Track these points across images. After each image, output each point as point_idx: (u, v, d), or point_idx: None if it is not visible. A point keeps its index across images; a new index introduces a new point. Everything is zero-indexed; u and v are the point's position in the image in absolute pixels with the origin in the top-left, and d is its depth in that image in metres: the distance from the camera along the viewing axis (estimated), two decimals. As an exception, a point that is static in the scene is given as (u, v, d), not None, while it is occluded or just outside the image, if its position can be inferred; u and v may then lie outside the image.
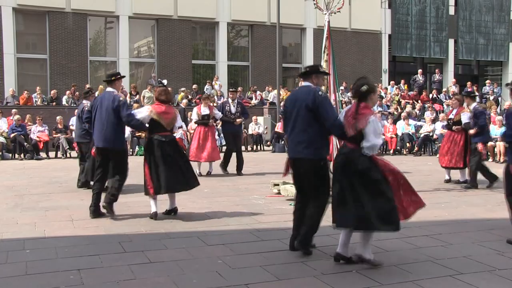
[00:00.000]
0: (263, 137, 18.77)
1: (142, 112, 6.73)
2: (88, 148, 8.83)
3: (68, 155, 15.66)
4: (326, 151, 5.17)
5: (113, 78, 6.95)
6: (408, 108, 19.64)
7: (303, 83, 5.21)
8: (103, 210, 6.78)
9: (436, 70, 25.42)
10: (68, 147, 15.49)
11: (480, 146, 9.27)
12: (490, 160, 14.38)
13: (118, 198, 6.85)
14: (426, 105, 19.96)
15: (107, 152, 6.76)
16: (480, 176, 9.45)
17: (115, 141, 6.70)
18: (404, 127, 17.32)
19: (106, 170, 6.84)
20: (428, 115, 18.40)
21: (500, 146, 14.08)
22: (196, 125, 11.43)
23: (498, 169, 8.83)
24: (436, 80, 24.77)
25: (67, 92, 18.92)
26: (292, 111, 5.08)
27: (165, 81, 7.33)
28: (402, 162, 11.80)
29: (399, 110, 19.60)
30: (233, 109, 11.30)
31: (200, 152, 10.94)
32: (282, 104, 18.16)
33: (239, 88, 20.84)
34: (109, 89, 6.93)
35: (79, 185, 9.32)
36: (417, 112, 19.85)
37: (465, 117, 9.59)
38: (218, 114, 11.22)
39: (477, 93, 14.88)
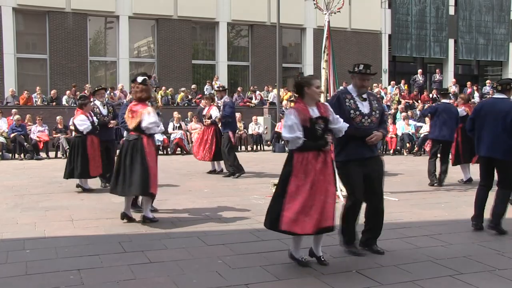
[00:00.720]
0: (263, 137, 18.77)
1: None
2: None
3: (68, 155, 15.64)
4: None
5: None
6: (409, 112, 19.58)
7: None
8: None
9: (437, 70, 25.42)
10: (68, 147, 15.48)
11: None
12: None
13: (118, 198, 6.83)
14: (425, 106, 19.90)
15: None
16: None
17: None
18: (404, 127, 17.33)
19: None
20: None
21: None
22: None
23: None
24: (437, 80, 24.77)
25: (67, 92, 18.92)
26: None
27: (139, 78, 6.49)
28: (402, 162, 11.81)
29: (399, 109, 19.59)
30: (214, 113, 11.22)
31: (200, 151, 11.05)
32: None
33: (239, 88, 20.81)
34: None
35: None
36: (418, 112, 19.83)
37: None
38: (214, 114, 11.15)
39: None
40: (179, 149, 17.10)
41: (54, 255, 5.02)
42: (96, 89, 9.79)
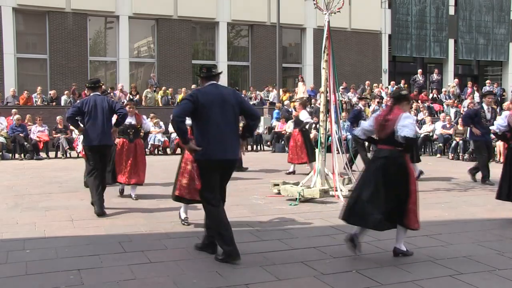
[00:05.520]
0: (263, 137, 18.77)
1: None
2: None
3: (68, 155, 15.66)
4: None
5: None
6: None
7: None
8: None
9: (435, 70, 25.40)
10: (68, 147, 15.50)
11: None
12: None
13: (118, 198, 6.84)
14: (420, 106, 19.87)
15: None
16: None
17: None
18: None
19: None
20: (421, 116, 18.39)
21: (500, 146, 14.08)
22: None
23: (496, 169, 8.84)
24: (435, 80, 24.74)
25: (66, 92, 18.90)
26: None
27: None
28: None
29: None
30: None
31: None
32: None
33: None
34: None
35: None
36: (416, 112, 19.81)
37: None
38: None
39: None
40: (179, 149, 17.09)
41: (54, 255, 5.02)
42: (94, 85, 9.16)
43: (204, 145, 4.82)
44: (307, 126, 11.48)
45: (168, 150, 17.10)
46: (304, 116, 11.25)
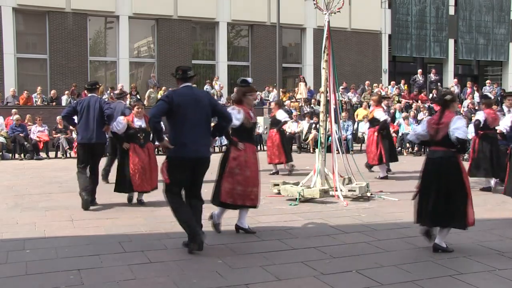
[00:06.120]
0: (263, 137, 18.75)
1: None
2: None
3: (68, 155, 15.66)
4: None
5: None
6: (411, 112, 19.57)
7: None
8: None
9: (432, 71, 25.34)
10: (68, 147, 15.50)
11: None
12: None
13: (118, 198, 6.85)
14: (420, 107, 19.87)
15: None
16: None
17: None
18: (404, 127, 17.31)
19: None
20: (421, 116, 18.37)
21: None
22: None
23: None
24: (433, 80, 24.72)
25: (66, 92, 18.90)
26: None
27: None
28: (402, 162, 11.80)
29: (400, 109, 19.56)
30: None
31: None
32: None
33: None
34: None
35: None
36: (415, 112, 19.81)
37: None
38: None
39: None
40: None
41: (54, 255, 5.02)
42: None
43: (178, 143, 5.08)
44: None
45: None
46: (281, 115, 11.25)
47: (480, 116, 9.08)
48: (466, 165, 6.30)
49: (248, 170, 5.79)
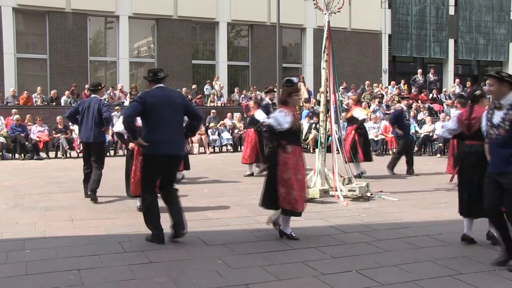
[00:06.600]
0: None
1: None
2: None
3: (68, 155, 15.66)
4: None
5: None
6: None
7: None
8: None
9: (431, 71, 25.33)
10: (68, 147, 15.50)
11: None
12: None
13: (118, 198, 6.85)
14: (420, 107, 19.86)
15: None
16: None
17: None
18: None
19: None
20: (421, 116, 18.34)
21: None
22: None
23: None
24: (432, 80, 24.71)
25: (66, 92, 18.90)
26: None
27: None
28: (402, 162, 11.78)
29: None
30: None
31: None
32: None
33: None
34: None
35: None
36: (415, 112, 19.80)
37: None
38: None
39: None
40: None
41: (54, 255, 5.02)
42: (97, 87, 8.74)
43: (152, 141, 5.33)
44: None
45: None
46: (260, 115, 11.04)
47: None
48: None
49: (300, 173, 5.70)
